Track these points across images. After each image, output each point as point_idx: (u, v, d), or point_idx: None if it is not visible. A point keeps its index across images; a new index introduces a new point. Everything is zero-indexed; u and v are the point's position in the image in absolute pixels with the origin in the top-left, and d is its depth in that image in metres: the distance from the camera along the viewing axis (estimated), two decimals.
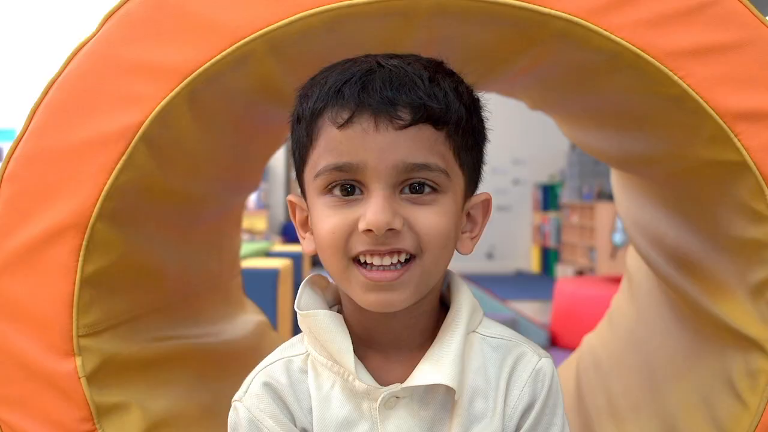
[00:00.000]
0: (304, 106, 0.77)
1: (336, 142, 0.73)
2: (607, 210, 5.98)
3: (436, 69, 0.77)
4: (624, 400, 1.43)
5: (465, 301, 0.82)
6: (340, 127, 0.73)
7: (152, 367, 1.03)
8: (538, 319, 4.51)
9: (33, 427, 0.89)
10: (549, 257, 8.01)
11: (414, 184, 0.73)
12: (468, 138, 0.77)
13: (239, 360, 1.35)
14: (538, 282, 7.27)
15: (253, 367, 0.83)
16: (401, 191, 0.73)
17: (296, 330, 0.87)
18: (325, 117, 0.74)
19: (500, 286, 6.58)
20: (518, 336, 0.84)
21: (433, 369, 0.76)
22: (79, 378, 0.88)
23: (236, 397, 0.81)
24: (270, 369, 0.82)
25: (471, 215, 0.82)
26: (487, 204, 0.83)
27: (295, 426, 0.79)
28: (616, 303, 1.85)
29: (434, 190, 0.74)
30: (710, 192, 0.97)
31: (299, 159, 0.79)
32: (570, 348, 3.16)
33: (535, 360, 0.81)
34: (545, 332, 3.69)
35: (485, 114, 0.81)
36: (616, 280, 3.52)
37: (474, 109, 0.79)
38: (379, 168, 0.72)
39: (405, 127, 0.72)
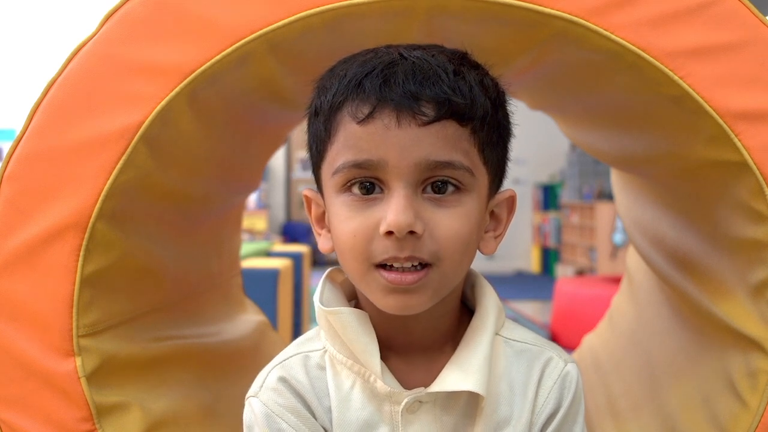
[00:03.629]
0: (322, 98, 0.74)
1: (356, 138, 0.70)
2: (607, 210, 5.98)
3: (461, 61, 0.74)
4: (624, 399, 1.43)
5: (492, 304, 0.80)
6: (361, 122, 0.70)
7: (152, 367, 1.03)
8: (538, 319, 4.51)
9: (33, 427, 0.89)
10: (549, 257, 8.01)
11: (436, 183, 0.71)
12: (493, 134, 0.74)
13: (239, 360, 1.35)
14: (538, 282, 7.27)
15: (253, 367, 0.82)
16: (423, 190, 0.71)
17: (296, 330, 0.86)
18: (344, 111, 0.71)
19: (500, 286, 6.57)
20: (542, 340, 0.81)
21: (461, 374, 0.74)
22: (79, 378, 0.88)
23: (250, 392, 0.78)
24: (287, 364, 0.79)
25: (495, 213, 0.79)
26: (512, 201, 0.80)
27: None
28: (616, 303, 1.85)
29: (457, 189, 0.71)
30: (710, 192, 0.97)
31: (316, 154, 0.76)
32: (570, 348, 3.15)
33: (561, 365, 0.79)
34: (545, 332, 3.69)
35: (511, 108, 0.79)
36: (616, 280, 3.52)
37: (500, 103, 0.76)
38: (400, 166, 0.69)
39: (428, 123, 0.69)
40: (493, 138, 0.74)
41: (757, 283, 0.91)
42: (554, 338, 3.70)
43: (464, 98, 0.70)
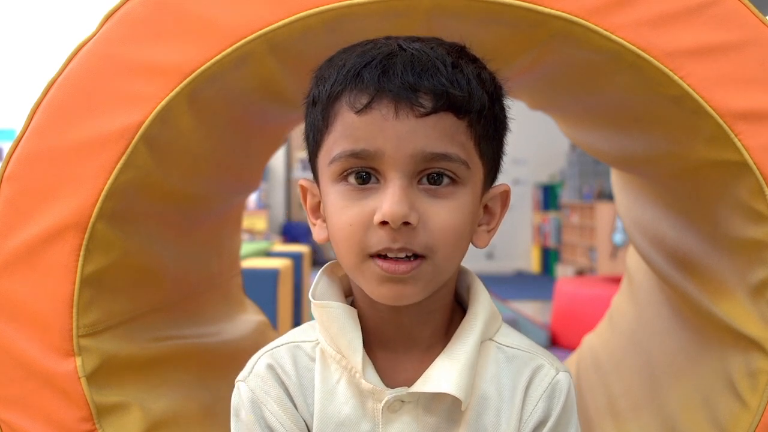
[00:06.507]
0: (320, 88, 0.74)
1: (353, 128, 0.70)
2: (607, 210, 5.98)
3: (459, 54, 0.74)
4: (624, 400, 1.43)
5: (483, 307, 0.79)
6: (359, 112, 0.70)
7: (152, 367, 1.03)
8: (538, 319, 4.52)
9: (33, 427, 0.89)
10: (549, 257, 8.02)
11: (432, 175, 0.71)
12: (489, 127, 0.74)
13: (239, 360, 1.34)
14: (538, 282, 7.27)
15: None
16: (419, 181, 0.71)
17: None
18: (342, 101, 0.71)
19: (500, 286, 6.58)
20: (536, 347, 0.81)
21: (442, 376, 0.74)
22: (79, 378, 0.88)
23: (240, 377, 0.80)
24: (276, 352, 0.80)
25: (489, 207, 0.79)
26: (505, 196, 0.80)
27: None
28: (616, 303, 1.85)
29: (453, 181, 0.71)
30: (710, 192, 0.97)
31: (313, 143, 0.76)
32: (570, 348, 3.16)
33: (552, 374, 0.78)
34: (545, 332, 3.69)
35: (508, 103, 0.78)
36: (616, 280, 3.52)
37: (497, 96, 0.76)
38: (396, 156, 0.69)
39: (426, 114, 0.69)
40: (489, 131, 0.74)
41: (757, 283, 0.91)
42: (554, 338, 3.70)
43: (462, 91, 0.70)
